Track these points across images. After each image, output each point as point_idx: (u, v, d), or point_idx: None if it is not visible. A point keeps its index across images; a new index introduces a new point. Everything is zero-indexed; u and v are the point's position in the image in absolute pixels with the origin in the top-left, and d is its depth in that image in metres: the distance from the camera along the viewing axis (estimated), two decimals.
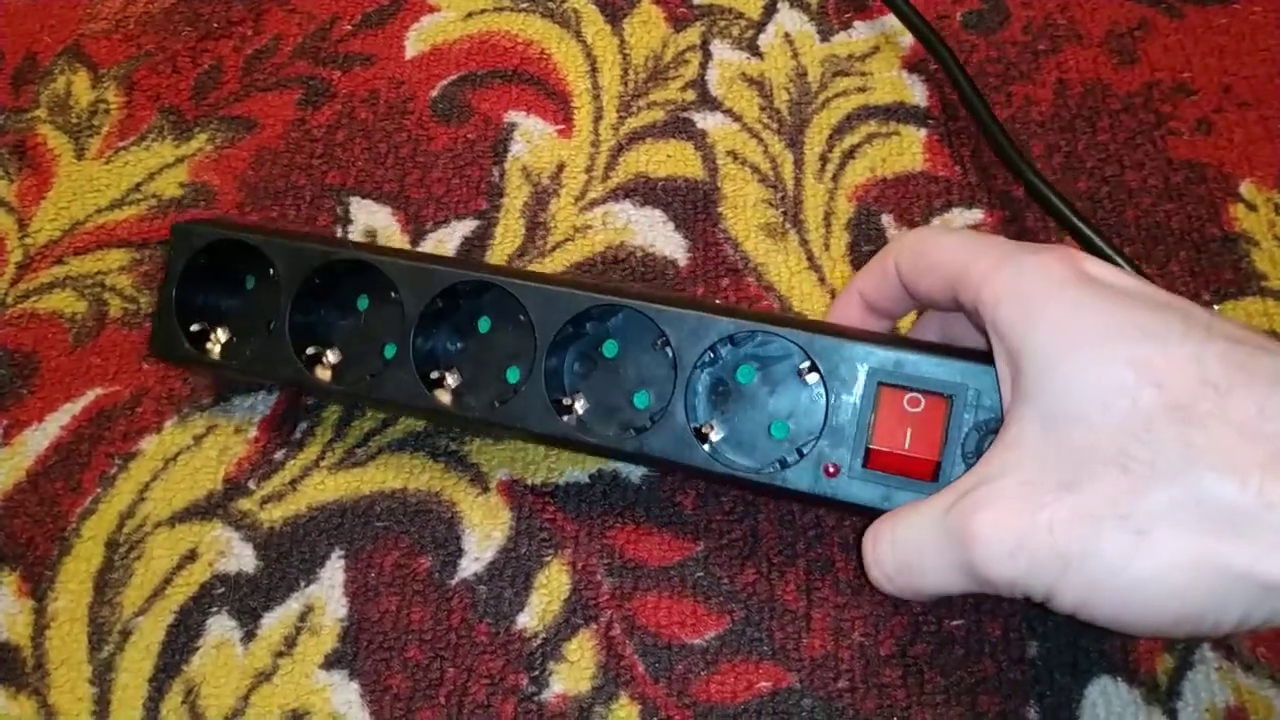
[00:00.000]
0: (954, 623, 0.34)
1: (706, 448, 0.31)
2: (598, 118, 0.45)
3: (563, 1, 0.49)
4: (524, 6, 0.49)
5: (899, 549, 0.26)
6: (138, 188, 0.46)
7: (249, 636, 0.36)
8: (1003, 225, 0.41)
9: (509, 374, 0.35)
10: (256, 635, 0.36)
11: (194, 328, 0.37)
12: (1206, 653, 0.33)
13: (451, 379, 0.35)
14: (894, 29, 0.46)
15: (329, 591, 0.36)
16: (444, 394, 0.34)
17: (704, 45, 0.47)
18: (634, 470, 0.37)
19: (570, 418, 0.33)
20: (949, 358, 0.29)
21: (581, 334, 0.34)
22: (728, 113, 0.45)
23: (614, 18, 0.48)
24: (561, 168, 0.44)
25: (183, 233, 0.37)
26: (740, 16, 0.48)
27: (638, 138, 0.45)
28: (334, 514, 0.37)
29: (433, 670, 0.34)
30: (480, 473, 0.38)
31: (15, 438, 0.40)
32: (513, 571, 0.36)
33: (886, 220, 0.41)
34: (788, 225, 0.42)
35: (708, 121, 0.45)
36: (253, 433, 0.39)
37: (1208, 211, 0.40)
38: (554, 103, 0.46)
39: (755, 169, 0.43)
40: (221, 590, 0.36)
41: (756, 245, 0.41)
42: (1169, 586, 0.22)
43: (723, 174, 0.43)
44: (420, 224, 0.43)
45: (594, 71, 0.47)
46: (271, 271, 0.36)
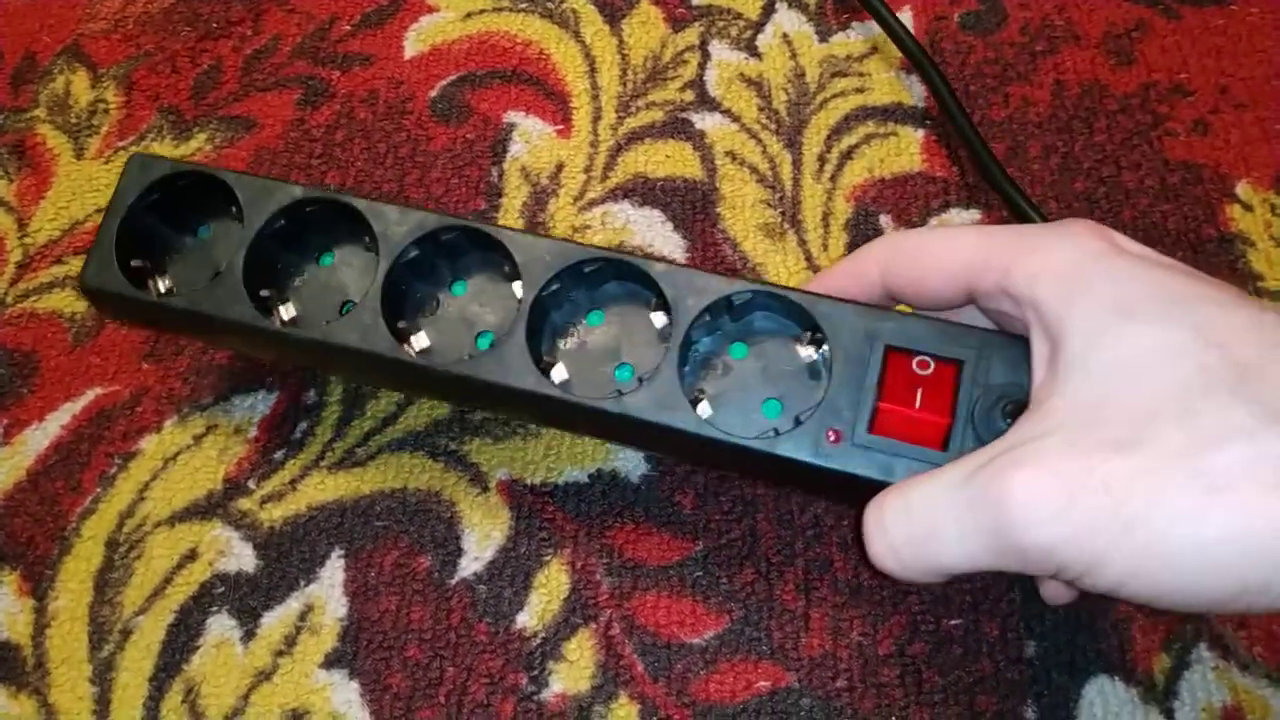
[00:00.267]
0: (952, 622, 0.34)
1: (698, 412, 0.29)
2: (596, 118, 0.45)
3: (561, 2, 0.49)
4: (523, 7, 0.49)
5: (912, 518, 0.24)
6: None
7: (249, 636, 0.36)
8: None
9: (480, 340, 0.33)
10: (256, 634, 0.36)
11: (134, 263, 0.35)
12: (1203, 652, 0.33)
13: (421, 339, 0.33)
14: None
15: (329, 591, 0.36)
16: (415, 344, 0.33)
17: (702, 46, 0.47)
18: (633, 470, 0.37)
19: (551, 377, 0.31)
20: (955, 328, 0.28)
21: (569, 296, 0.32)
22: (726, 113, 0.45)
23: (613, 18, 0.48)
24: (560, 168, 0.44)
25: (140, 163, 0.35)
26: (739, 17, 0.48)
27: (636, 138, 0.45)
28: (334, 513, 0.37)
29: (432, 669, 0.34)
30: (480, 472, 0.38)
31: (15, 437, 0.40)
32: (512, 571, 0.36)
33: (884, 221, 0.42)
34: (786, 225, 0.42)
35: (706, 122, 0.45)
36: (252, 432, 0.39)
37: (1204, 212, 0.40)
38: (553, 103, 0.46)
39: (754, 169, 0.43)
40: (221, 590, 0.37)
41: (755, 245, 0.41)
42: (1242, 547, 0.20)
43: (721, 174, 0.43)
44: None
45: (593, 72, 0.47)
46: (234, 209, 0.34)
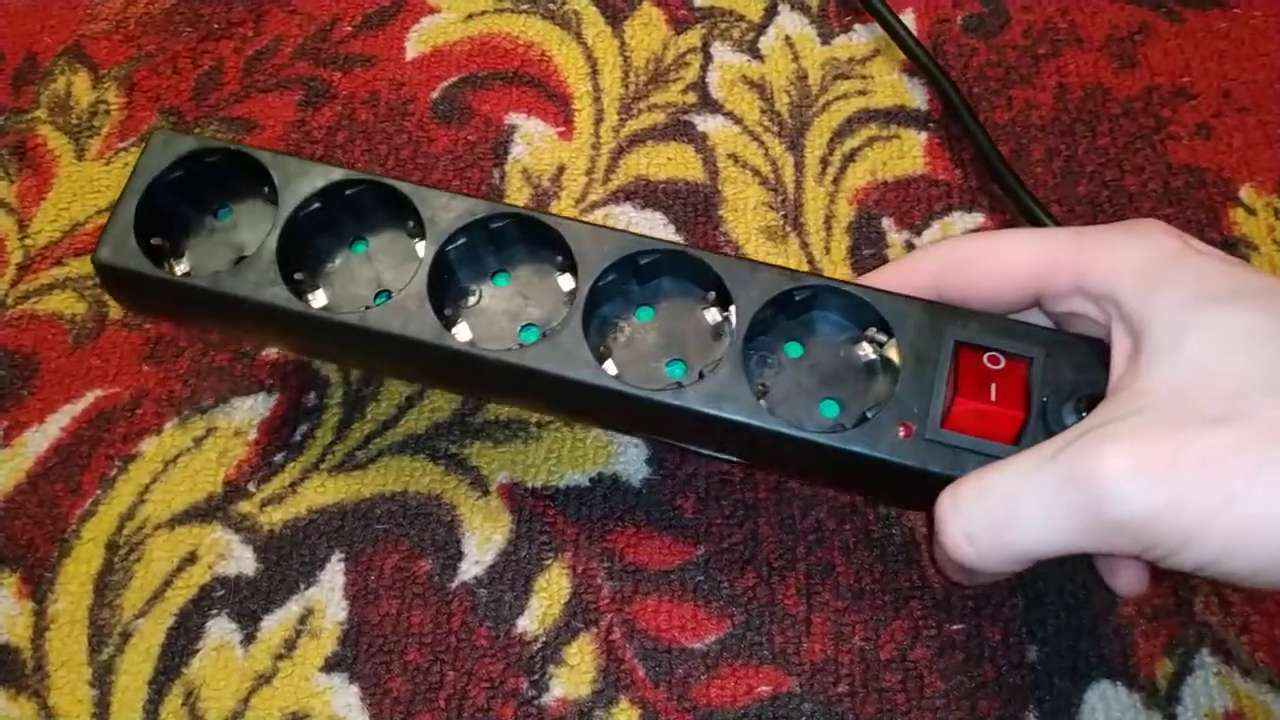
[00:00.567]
0: (954, 627, 0.34)
1: (761, 404, 0.28)
2: (598, 120, 0.45)
3: (563, 3, 0.49)
4: (525, 8, 0.49)
5: (991, 502, 0.24)
6: None
7: (249, 639, 0.36)
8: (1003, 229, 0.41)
9: (524, 333, 0.32)
10: (256, 638, 0.36)
11: (153, 241, 0.33)
12: (1206, 657, 0.33)
13: (463, 330, 0.32)
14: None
15: (329, 594, 0.36)
16: (458, 335, 0.32)
17: (705, 48, 0.47)
18: (635, 474, 0.37)
19: (606, 365, 0.31)
20: (1021, 326, 0.28)
21: (621, 288, 0.32)
22: (728, 115, 0.45)
23: (615, 20, 0.48)
24: (562, 170, 0.44)
25: (163, 140, 0.33)
26: (741, 19, 0.48)
27: (638, 140, 0.45)
28: (334, 517, 0.37)
29: (433, 673, 0.34)
30: (480, 476, 0.38)
31: (15, 439, 0.40)
32: (513, 575, 0.36)
33: (887, 224, 0.41)
34: (788, 228, 0.42)
35: (708, 124, 0.45)
36: (252, 435, 0.39)
37: (1207, 216, 0.40)
38: (555, 105, 0.46)
39: (756, 172, 0.43)
40: (221, 593, 0.36)
41: (757, 248, 0.41)
42: None
43: (723, 177, 0.43)
44: None
45: (595, 74, 0.47)
46: (265, 190, 0.33)
